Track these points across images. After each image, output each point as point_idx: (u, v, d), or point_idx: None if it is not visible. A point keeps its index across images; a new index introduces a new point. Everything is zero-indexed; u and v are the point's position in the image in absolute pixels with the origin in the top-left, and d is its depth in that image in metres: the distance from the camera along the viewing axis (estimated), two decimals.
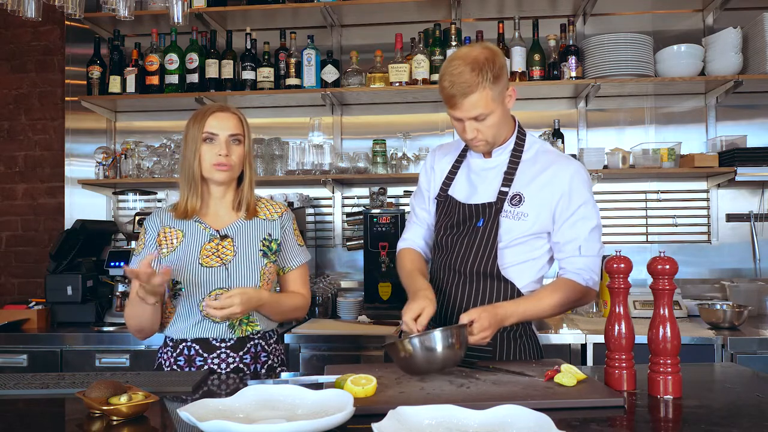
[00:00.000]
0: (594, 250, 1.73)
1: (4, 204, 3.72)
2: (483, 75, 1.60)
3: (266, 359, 1.84)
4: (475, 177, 1.83)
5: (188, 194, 1.79)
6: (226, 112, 1.79)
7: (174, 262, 1.77)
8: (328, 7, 3.20)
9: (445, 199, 1.85)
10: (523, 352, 1.79)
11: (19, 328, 2.88)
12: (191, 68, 3.29)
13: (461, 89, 1.61)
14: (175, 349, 1.80)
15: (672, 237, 3.32)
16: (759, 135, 3.27)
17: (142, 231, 1.85)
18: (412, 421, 1.09)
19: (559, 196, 1.72)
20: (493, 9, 3.37)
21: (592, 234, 1.73)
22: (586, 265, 1.72)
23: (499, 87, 1.64)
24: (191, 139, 1.77)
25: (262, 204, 1.90)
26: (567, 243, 1.73)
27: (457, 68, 1.61)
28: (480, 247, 1.74)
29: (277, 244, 1.86)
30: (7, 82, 3.73)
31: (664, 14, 3.35)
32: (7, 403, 1.41)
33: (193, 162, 1.77)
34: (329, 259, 3.51)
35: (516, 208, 1.73)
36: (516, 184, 1.75)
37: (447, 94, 1.64)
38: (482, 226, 1.74)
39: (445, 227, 1.82)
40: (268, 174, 3.30)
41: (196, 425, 1.06)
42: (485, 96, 1.62)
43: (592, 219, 1.73)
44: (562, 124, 3.28)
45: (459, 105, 1.63)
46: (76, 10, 2.17)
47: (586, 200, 1.73)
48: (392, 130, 3.44)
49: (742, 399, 1.36)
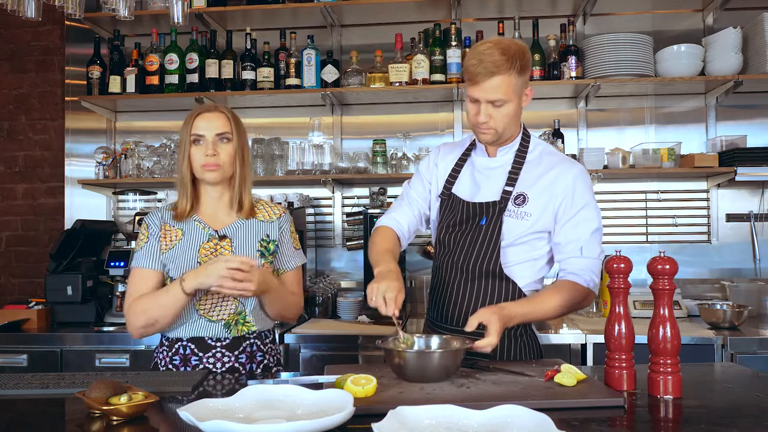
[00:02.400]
0: (595, 253, 1.73)
1: (4, 204, 3.72)
2: (512, 61, 1.62)
3: (262, 359, 1.84)
4: (479, 175, 1.83)
5: (180, 196, 1.83)
6: (213, 112, 1.80)
7: (172, 259, 1.77)
8: (328, 7, 3.20)
9: (448, 197, 1.85)
10: (523, 351, 1.79)
11: (19, 328, 2.88)
12: (191, 68, 3.29)
13: (488, 68, 1.61)
14: (171, 348, 1.80)
15: (672, 237, 3.33)
16: (759, 135, 3.27)
17: (144, 226, 1.84)
18: (412, 421, 1.09)
19: (562, 198, 1.73)
20: (493, 9, 3.37)
21: (593, 236, 1.73)
22: (587, 266, 1.72)
23: (522, 79, 1.67)
24: (182, 142, 1.80)
25: (260, 205, 1.90)
26: (568, 243, 1.73)
27: (488, 49, 1.63)
28: (483, 246, 1.75)
29: (274, 245, 1.86)
30: (7, 82, 3.73)
31: (664, 14, 3.35)
32: (7, 403, 1.41)
33: (182, 164, 1.80)
34: (329, 259, 3.51)
35: (519, 207, 1.74)
36: (520, 184, 1.76)
37: (472, 72, 1.64)
38: (485, 224, 1.74)
39: (448, 225, 1.83)
40: (268, 174, 3.30)
41: (196, 425, 1.06)
42: (508, 82, 1.64)
43: (594, 221, 1.74)
44: (562, 124, 3.28)
45: (481, 83, 1.63)
46: (76, 10, 2.17)
47: (588, 202, 1.74)
48: (392, 130, 3.44)
49: (742, 399, 1.36)
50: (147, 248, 1.80)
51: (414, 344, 1.56)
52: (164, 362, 1.80)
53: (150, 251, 1.80)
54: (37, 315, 2.92)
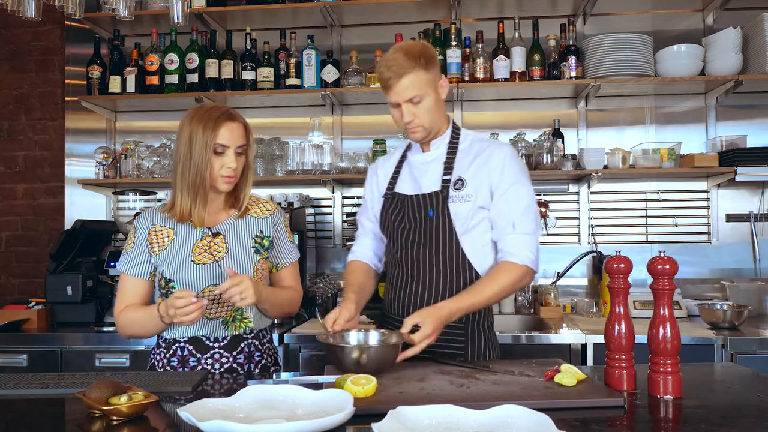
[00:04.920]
0: (529, 228, 1.78)
1: (4, 204, 3.72)
2: (416, 59, 1.74)
3: (260, 359, 1.84)
4: (417, 171, 1.90)
5: (193, 203, 1.74)
6: (235, 122, 1.75)
7: (166, 259, 1.77)
8: (328, 7, 3.20)
9: (392, 196, 1.91)
10: (481, 351, 1.83)
11: (19, 328, 2.88)
12: (191, 68, 3.29)
13: (396, 71, 1.73)
14: (168, 349, 1.79)
15: (672, 237, 3.33)
16: (759, 135, 3.27)
17: (132, 230, 1.83)
18: (412, 421, 1.09)
19: (495, 174, 1.80)
20: (493, 9, 3.37)
21: (526, 211, 1.79)
22: (521, 243, 1.77)
23: (431, 73, 1.77)
24: (201, 145, 1.70)
25: (252, 202, 1.90)
26: (501, 218, 1.79)
27: (392, 54, 1.77)
28: (438, 237, 1.80)
29: (269, 241, 1.86)
30: (7, 82, 3.73)
31: (664, 14, 3.35)
32: (7, 403, 1.41)
33: (206, 171, 1.71)
34: (329, 259, 3.51)
35: (460, 191, 1.81)
36: (456, 171, 1.83)
37: (384, 79, 1.77)
38: (434, 215, 1.80)
39: (397, 223, 1.87)
40: (268, 174, 3.30)
41: (196, 425, 1.06)
42: (418, 78, 1.74)
43: (525, 197, 1.80)
44: (562, 124, 3.28)
45: (394, 86, 1.75)
46: (76, 10, 2.17)
47: (518, 179, 1.81)
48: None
49: (742, 399, 1.36)
50: (133, 254, 1.80)
51: (352, 339, 1.67)
52: (161, 363, 1.80)
53: (136, 258, 1.80)
54: (37, 315, 2.92)
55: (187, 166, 1.73)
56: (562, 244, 3.37)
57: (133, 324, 1.78)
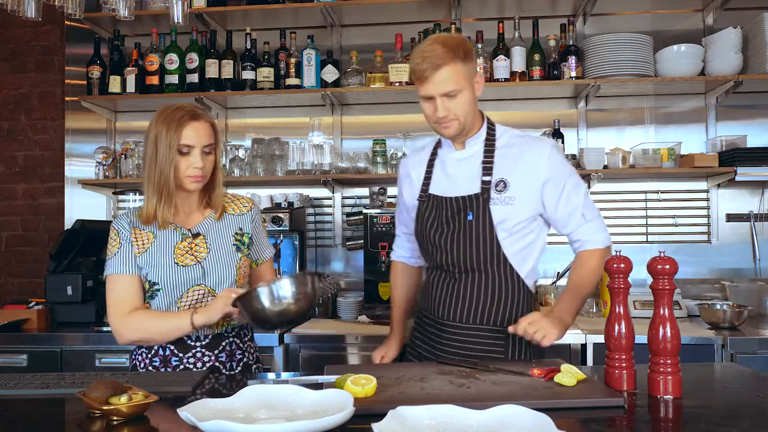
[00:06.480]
0: (594, 213, 1.84)
1: (4, 204, 3.72)
2: (454, 51, 1.67)
3: (241, 357, 1.84)
4: (452, 170, 1.84)
5: (158, 204, 1.73)
6: (200, 121, 1.72)
7: (149, 262, 1.75)
8: (328, 7, 3.20)
9: (427, 199, 1.85)
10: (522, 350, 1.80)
11: (19, 328, 2.88)
12: (191, 68, 3.29)
13: (433, 62, 1.65)
14: (150, 350, 1.78)
15: (672, 237, 3.32)
16: (759, 135, 3.27)
17: (114, 232, 1.78)
18: (412, 421, 1.09)
19: (546, 177, 1.77)
20: (493, 9, 3.37)
21: (586, 199, 1.82)
22: (595, 228, 1.82)
23: (468, 67, 1.71)
24: (165, 146, 1.69)
25: (227, 199, 1.89)
26: (570, 215, 1.80)
27: (428, 46, 1.68)
28: (479, 241, 1.76)
29: (248, 238, 1.86)
30: (7, 82, 3.73)
31: (664, 14, 3.35)
32: (7, 403, 1.41)
33: (167, 171, 1.70)
34: (329, 259, 3.51)
35: (502, 193, 1.76)
36: (497, 171, 1.77)
37: (419, 70, 1.68)
38: (473, 219, 1.75)
39: (435, 227, 1.82)
40: (268, 174, 3.30)
41: (196, 425, 1.06)
42: (456, 71, 1.67)
43: (581, 186, 1.83)
44: (562, 124, 3.28)
45: (430, 78, 1.67)
46: (76, 10, 2.17)
47: (569, 171, 1.82)
48: (392, 130, 3.44)
49: (742, 399, 1.37)
50: (121, 254, 1.76)
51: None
52: (143, 364, 1.78)
53: (125, 257, 1.76)
54: (37, 315, 2.92)
55: (152, 167, 1.72)
56: (562, 244, 3.35)
57: (150, 330, 1.72)
